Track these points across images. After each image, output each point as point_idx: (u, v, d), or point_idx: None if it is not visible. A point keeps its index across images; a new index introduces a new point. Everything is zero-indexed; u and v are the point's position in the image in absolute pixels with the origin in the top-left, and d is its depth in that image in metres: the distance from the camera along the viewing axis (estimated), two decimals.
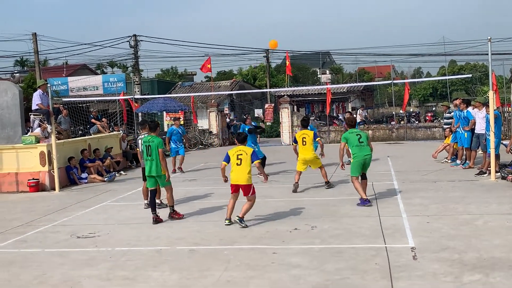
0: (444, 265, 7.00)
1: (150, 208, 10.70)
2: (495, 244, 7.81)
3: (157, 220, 10.39)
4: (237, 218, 9.65)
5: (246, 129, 16.53)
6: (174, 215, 10.64)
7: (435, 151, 18.32)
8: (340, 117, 36.90)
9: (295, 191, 12.96)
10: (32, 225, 10.88)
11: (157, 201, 11.42)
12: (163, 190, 11.25)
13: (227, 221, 9.84)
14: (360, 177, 11.25)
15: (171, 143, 18.17)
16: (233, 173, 9.73)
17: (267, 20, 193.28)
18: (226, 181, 9.99)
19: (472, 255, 7.33)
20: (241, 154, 9.68)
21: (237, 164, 9.65)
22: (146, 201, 11.83)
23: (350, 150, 11.77)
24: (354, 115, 16.48)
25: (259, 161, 10.18)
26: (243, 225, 9.57)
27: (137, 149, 12.22)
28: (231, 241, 8.76)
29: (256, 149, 15.81)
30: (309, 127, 13.91)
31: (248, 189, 9.67)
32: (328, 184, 13.54)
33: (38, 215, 11.93)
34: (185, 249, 8.43)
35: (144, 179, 11.45)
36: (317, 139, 13.81)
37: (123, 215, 11.51)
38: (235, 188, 9.78)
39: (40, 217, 11.69)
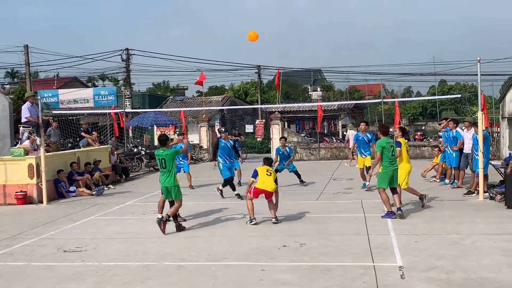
0: (431, 284, 7.01)
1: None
2: (482, 264, 7.84)
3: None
4: (274, 219, 11.29)
5: (228, 145, 15.83)
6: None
7: (424, 170, 18.41)
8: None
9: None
10: (19, 238, 10.78)
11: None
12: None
13: (254, 220, 11.20)
14: (391, 191, 11.73)
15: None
16: (262, 181, 11.18)
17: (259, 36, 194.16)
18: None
19: (460, 275, 7.35)
20: (270, 171, 11.41)
21: (267, 175, 11.20)
22: (160, 215, 11.30)
23: (381, 160, 11.61)
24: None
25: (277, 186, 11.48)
26: (279, 222, 11.26)
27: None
28: (219, 257, 8.73)
29: (228, 165, 15.39)
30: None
31: (272, 194, 11.26)
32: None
33: (25, 228, 11.83)
34: (173, 265, 8.39)
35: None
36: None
37: (111, 229, 11.44)
38: (258, 194, 11.19)
39: (27, 230, 11.59)
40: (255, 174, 11.32)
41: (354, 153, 23.15)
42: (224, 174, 15.30)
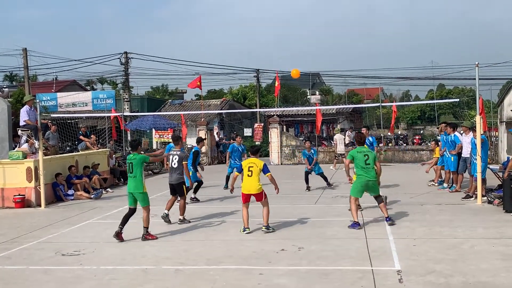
0: None
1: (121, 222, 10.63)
2: (481, 268, 7.84)
3: (118, 236, 10.44)
4: (264, 227, 10.80)
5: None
6: (148, 236, 10.57)
7: (428, 164, 18.71)
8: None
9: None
10: (17, 242, 10.77)
11: (180, 217, 12.13)
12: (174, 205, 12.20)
13: (247, 230, 10.74)
14: (376, 200, 11.46)
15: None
16: (244, 183, 10.80)
17: (259, 40, 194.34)
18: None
19: (458, 279, 7.35)
20: (252, 166, 10.73)
21: (248, 176, 10.71)
22: (166, 212, 12.13)
23: (354, 169, 11.36)
24: (364, 133, 15.06)
25: (270, 173, 10.96)
26: (271, 230, 10.79)
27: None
28: (217, 261, 8.72)
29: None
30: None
31: (261, 196, 10.74)
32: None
33: (23, 232, 11.81)
34: (171, 269, 8.38)
35: (172, 193, 12.20)
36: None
37: (109, 233, 11.40)
38: (247, 198, 10.79)
39: (25, 234, 11.57)
40: (240, 169, 11.11)
41: (336, 157, 26.18)
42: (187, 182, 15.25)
